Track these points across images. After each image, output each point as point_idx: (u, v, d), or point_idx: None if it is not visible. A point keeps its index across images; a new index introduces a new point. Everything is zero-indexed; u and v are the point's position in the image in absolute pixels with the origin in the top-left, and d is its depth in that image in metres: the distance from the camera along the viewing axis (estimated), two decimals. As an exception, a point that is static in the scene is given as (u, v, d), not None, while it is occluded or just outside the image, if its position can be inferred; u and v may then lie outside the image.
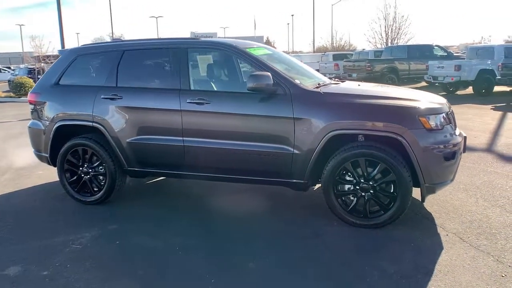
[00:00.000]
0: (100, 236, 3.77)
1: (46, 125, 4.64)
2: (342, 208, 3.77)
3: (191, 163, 4.17)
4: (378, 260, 3.19)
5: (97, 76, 4.55)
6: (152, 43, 4.54)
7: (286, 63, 4.62)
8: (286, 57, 4.94)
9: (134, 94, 4.32)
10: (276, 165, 3.91)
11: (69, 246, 3.57)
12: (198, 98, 4.03)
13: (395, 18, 34.14)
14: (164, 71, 4.33)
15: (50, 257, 3.38)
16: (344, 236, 3.63)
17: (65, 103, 4.55)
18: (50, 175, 5.66)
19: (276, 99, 3.84)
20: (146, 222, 4.07)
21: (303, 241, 3.57)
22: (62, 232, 3.87)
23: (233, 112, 3.98)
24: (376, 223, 3.69)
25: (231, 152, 3.99)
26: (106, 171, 4.42)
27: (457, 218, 3.90)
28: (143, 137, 4.25)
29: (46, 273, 3.13)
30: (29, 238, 3.76)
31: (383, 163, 3.58)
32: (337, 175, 3.74)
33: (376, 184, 3.66)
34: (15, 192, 5.14)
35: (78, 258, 3.35)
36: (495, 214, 3.97)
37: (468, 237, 3.50)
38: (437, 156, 3.57)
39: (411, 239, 3.52)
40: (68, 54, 4.74)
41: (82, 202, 4.57)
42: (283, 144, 3.83)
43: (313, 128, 3.71)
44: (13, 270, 3.19)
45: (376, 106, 3.64)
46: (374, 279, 2.93)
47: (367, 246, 3.44)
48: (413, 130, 3.51)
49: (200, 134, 4.07)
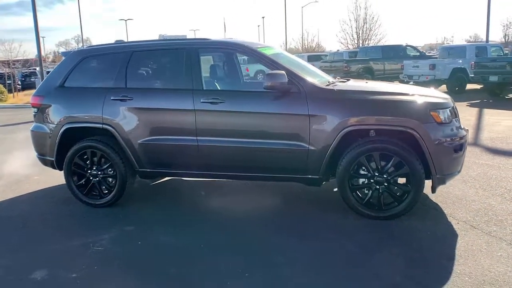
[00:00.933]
0: (119, 238, 3.75)
1: (51, 128, 4.55)
2: (357, 201, 3.90)
3: (205, 162, 4.20)
4: (400, 247, 3.34)
5: (105, 78, 4.50)
6: (161, 44, 4.55)
7: (293, 62, 4.72)
8: (291, 57, 5.05)
9: (145, 95, 4.31)
10: (291, 162, 4.00)
11: (90, 248, 3.54)
12: (212, 98, 4.08)
13: (365, 19, 34.99)
14: (176, 72, 4.34)
15: (74, 260, 3.34)
16: (361, 228, 3.75)
17: (72, 106, 4.49)
18: (47, 180, 5.57)
19: (290, 97, 3.93)
20: (161, 223, 4.06)
21: (323, 234, 3.67)
22: (79, 235, 3.82)
23: (248, 111, 4.05)
24: (390, 214, 3.84)
25: (247, 150, 4.05)
26: (116, 173, 4.38)
27: (463, 207, 4.11)
28: (156, 137, 4.25)
29: (75, 276, 3.10)
30: (46, 243, 3.69)
31: (397, 157, 3.73)
32: (352, 170, 3.86)
33: (390, 177, 3.81)
34: (17, 197, 5.02)
35: (104, 260, 3.34)
36: (496, 202, 4.20)
37: (478, 224, 3.69)
38: (447, 148, 3.76)
39: (425, 229, 3.68)
40: (74, 56, 4.67)
41: (91, 205, 4.51)
42: (298, 141, 3.92)
43: (328, 125, 3.82)
44: (39, 274, 3.14)
45: (390, 102, 3.80)
46: (402, 265, 3.07)
47: (385, 236, 3.58)
48: (426, 124, 3.68)
49: (214, 133, 4.11)
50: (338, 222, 3.90)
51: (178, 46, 4.35)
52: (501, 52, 16.38)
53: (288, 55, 5.10)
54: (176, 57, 4.32)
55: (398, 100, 3.81)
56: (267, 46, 4.72)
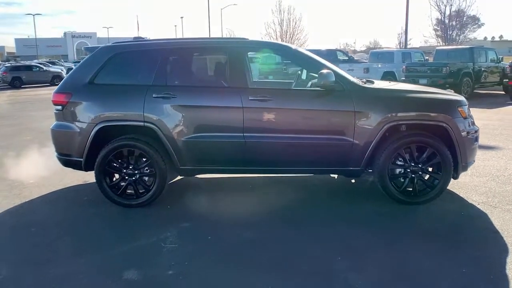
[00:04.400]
0: (183, 235, 3.73)
1: (81, 127, 4.32)
2: (395, 189, 4.33)
3: (251, 158, 4.31)
4: (446, 227, 3.82)
5: (143, 75, 4.39)
6: (203, 42, 4.56)
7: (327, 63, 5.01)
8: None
9: (188, 92, 4.30)
10: (336, 155, 4.30)
11: (163, 247, 3.50)
12: (261, 95, 4.22)
13: (289, 24, 36.49)
14: (220, 70, 4.40)
15: (155, 259, 3.29)
16: (400, 214, 4.16)
17: (107, 103, 4.30)
18: (44, 183, 5.28)
19: (335, 95, 4.23)
20: (212, 218, 4.09)
21: (369, 221, 4.00)
22: (138, 235, 3.72)
23: (296, 108, 4.26)
24: (424, 199, 4.32)
25: (293, 145, 4.27)
26: (155, 172, 4.31)
27: (472, 191, 4.75)
28: (201, 134, 4.27)
29: (171, 272, 3.07)
30: (111, 245, 3.54)
31: (431, 148, 4.23)
32: (391, 161, 4.28)
33: (424, 166, 4.30)
34: (28, 202, 4.64)
35: (190, 255, 3.33)
36: (496, 185, 4.92)
37: (496, 204, 4.33)
38: (470, 139, 4.35)
39: (457, 210, 4.23)
40: (104, 51, 4.46)
41: (125, 206, 4.37)
42: (343, 135, 4.23)
43: (372, 120, 4.19)
44: (131, 275, 3.06)
45: (426, 99, 4.29)
46: (459, 239, 3.54)
47: (425, 220, 4.03)
48: (455, 118, 4.23)
49: (262, 130, 4.25)
50: (381, 210, 4.28)
51: (224, 45, 4.41)
52: (422, 57, 18.32)
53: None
54: (221, 56, 4.38)
55: (433, 98, 4.33)
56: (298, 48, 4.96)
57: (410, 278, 2.97)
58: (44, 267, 3.17)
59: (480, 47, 16.21)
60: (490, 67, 15.70)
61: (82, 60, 4.65)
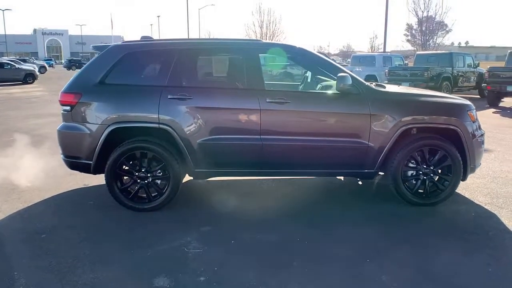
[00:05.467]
0: (205, 239, 3.66)
1: (92, 129, 4.18)
2: (408, 191, 4.40)
3: (268, 160, 4.29)
4: (462, 227, 3.91)
5: (157, 76, 4.29)
6: (221, 43, 4.50)
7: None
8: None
9: (205, 94, 4.24)
10: (351, 157, 4.33)
11: (188, 252, 3.42)
12: (278, 98, 4.21)
13: (269, 25, 36.66)
14: (237, 72, 4.36)
15: (184, 264, 3.22)
16: (415, 216, 4.23)
17: (121, 104, 4.18)
18: (45, 187, 5.09)
19: (351, 98, 4.26)
20: (230, 221, 4.04)
21: (387, 222, 4.07)
22: (158, 240, 3.63)
23: (313, 110, 4.27)
24: (436, 201, 4.41)
25: (310, 148, 4.27)
26: (169, 174, 4.22)
27: (478, 192, 4.89)
28: (217, 136, 4.21)
29: (203, 279, 3.01)
30: (132, 251, 3.44)
31: (443, 151, 4.32)
32: (404, 163, 4.35)
33: (435, 168, 4.39)
34: (31, 207, 4.45)
35: (217, 260, 3.27)
36: (497, 186, 5.08)
37: (502, 205, 4.47)
38: (478, 143, 4.48)
39: (467, 211, 4.34)
40: (114, 51, 4.33)
41: (137, 210, 4.26)
42: (359, 138, 4.27)
43: (387, 123, 4.25)
44: (161, 282, 2.97)
45: (439, 104, 4.40)
46: (472, 238, 3.63)
47: (441, 221, 4.12)
48: (466, 122, 4.35)
49: (279, 132, 4.24)
50: (395, 210, 4.34)
51: (240, 46, 4.37)
52: (402, 61, 18.77)
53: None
54: (237, 57, 4.33)
55: (445, 102, 4.44)
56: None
57: (442, 278, 3.02)
58: (69, 275, 3.04)
59: (458, 52, 16.73)
60: (468, 72, 16.24)
61: (91, 60, 4.50)
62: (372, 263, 3.25)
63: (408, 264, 3.25)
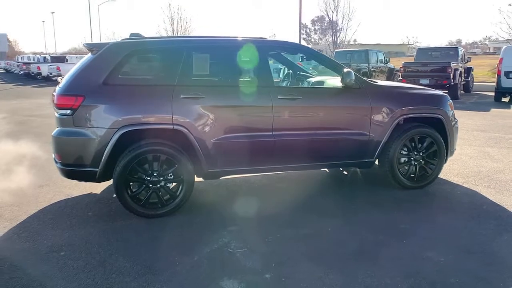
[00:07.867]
0: (238, 239, 3.61)
1: (99, 133, 3.85)
2: (402, 176, 4.80)
3: (280, 156, 4.36)
4: (458, 204, 4.40)
5: (166, 75, 4.08)
6: (231, 40, 4.43)
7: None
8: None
9: (217, 92, 4.16)
10: (355, 148, 4.60)
11: (233, 252, 3.37)
12: (290, 94, 4.29)
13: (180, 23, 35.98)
14: (247, 69, 4.33)
15: (239, 264, 3.18)
16: (409, 198, 4.62)
17: (131, 106, 3.91)
18: (25, 200, 4.60)
19: (354, 92, 4.52)
20: (254, 219, 4.05)
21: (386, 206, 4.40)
22: (193, 244, 3.51)
23: (322, 105, 4.44)
24: (425, 183, 4.88)
25: (321, 141, 4.45)
26: (183, 177, 4.07)
27: (449, 173, 5.49)
28: (231, 135, 4.16)
29: (269, 276, 3.01)
30: (171, 258, 3.27)
31: (430, 138, 4.80)
32: (399, 151, 4.74)
33: (424, 154, 4.85)
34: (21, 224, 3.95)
35: (268, 257, 3.28)
36: (461, 168, 5.76)
37: (476, 182, 5.10)
38: (456, 129, 5.05)
39: (452, 190, 4.88)
40: (116, 49, 4.01)
41: (149, 216, 4.04)
42: (362, 130, 4.55)
43: (385, 114, 4.59)
44: (230, 284, 2.90)
45: (427, 95, 4.87)
46: (477, 214, 4.13)
47: (436, 200, 4.58)
48: (447, 111, 4.87)
49: (291, 128, 4.34)
50: (394, 195, 4.71)
51: (249, 44, 4.34)
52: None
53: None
54: (247, 55, 4.30)
55: (431, 94, 4.92)
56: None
57: (477, 250, 3.38)
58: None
59: (372, 50, 18.17)
60: (380, 67, 17.77)
61: (85, 59, 4.12)
62: (409, 242, 3.52)
63: (443, 240, 3.56)
